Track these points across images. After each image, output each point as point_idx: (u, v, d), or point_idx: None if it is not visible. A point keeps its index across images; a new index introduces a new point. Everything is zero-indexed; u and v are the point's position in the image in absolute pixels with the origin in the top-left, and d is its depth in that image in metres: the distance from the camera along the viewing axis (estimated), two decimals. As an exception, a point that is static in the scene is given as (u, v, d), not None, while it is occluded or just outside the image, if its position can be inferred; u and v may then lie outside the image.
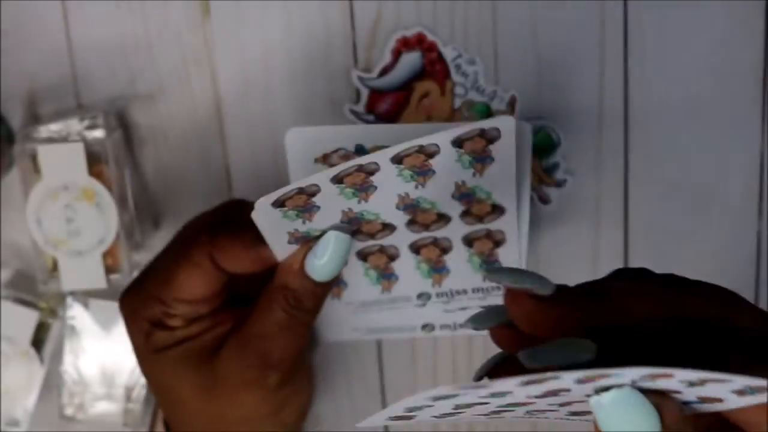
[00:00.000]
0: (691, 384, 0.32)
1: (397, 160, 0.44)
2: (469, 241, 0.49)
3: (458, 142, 0.44)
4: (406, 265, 0.51)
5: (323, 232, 0.47)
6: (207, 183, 0.58)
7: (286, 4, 0.56)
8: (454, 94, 0.56)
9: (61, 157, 0.54)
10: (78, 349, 0.58)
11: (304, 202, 0.45)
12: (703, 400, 0.34)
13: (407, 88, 0.56)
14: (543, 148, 0.57)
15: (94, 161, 0.54)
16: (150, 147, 0.58)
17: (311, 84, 0.57)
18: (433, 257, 0.50)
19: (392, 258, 0.50)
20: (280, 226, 0.46)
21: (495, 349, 0.61)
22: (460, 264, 0.50)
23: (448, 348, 0.60)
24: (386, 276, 0.52)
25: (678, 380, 0.32)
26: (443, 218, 0.48)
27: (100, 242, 0.55)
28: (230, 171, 0.58)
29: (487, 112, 0.56)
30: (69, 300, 0.58)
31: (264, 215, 0.45)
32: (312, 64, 0.56)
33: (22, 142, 0.55)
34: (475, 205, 0.48)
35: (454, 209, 0.48)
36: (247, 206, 0.46)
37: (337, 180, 0.44)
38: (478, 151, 0.45)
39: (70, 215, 0.55)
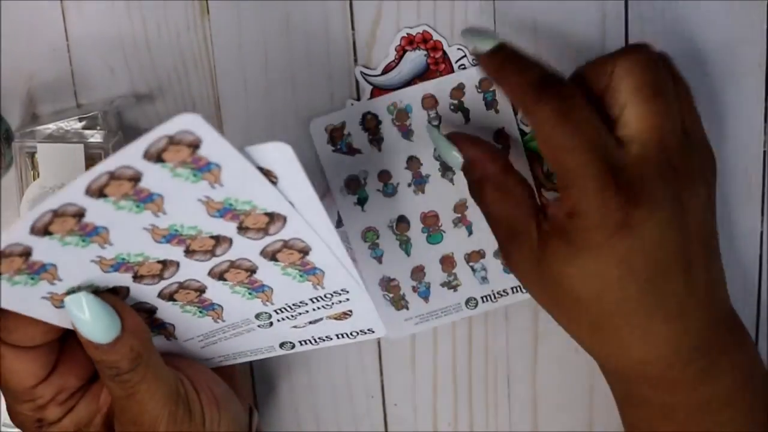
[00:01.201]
0: None
1: (97, 193, 0.39)
2: (270, 255, 0.45)
3: (153, 156, 0.38)
4: (220, 293, 0.46)
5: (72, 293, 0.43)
6: (206, 183, 0.58)
7: (286, 4, 0.56)
8: (454, 94, 0.57)
9: (60, 158, 0.54)
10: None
11: (21, 264, 0.40)
12: None
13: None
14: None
15: (93, 164, 0.54)
16: (149, 147, 0.58)
17: (311, 84, 0.57)
18: (243, 279, 0.46)
19: (201, 291, 0.46)
20: (23, 294, 0.42)
21: (496, 349, 0.61)
22: (278, 278, 0.46)
23: (448, 348, 0.60)
24: (208, 308, 0.48)
25: None
26: (222, 240, 0.43)
27: (95, 243, 0.55)
28: (230, 171, 0.58)
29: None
30: (68, 300, 0.58)
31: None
32: (312, 64, 0.56)
33: (20, 140, 0.55)
34: (245, 219, 0.42)
35: (225, 227, 0.43)
36: None
37: (42, 232, 0.39)
38: (187, 160, 0.38)
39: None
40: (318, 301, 0.48)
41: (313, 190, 0.41)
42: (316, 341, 0.51)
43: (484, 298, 0.59)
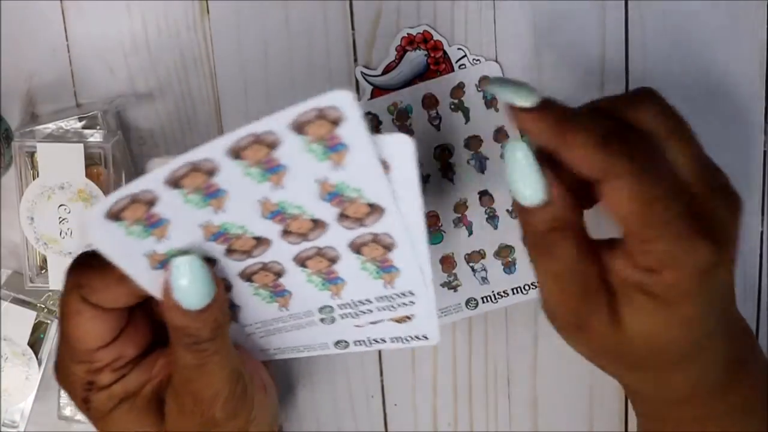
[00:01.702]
0: None
1: (235, 154, 0.39)
2: (356, 247, 0.44)
3: (298, 127, 0.38)
4: (296, 280, 0.46)
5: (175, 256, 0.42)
6: (206, 183, 0.58)
7: (286, 3, 0.56)
8: (454, 94, 0.57)
9: (59, 157, 0.54)
10: (77, 349, 0.58)
11: (143, 213, 0.40)
12: None
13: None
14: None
15: (92, 163, 0.54)
16: (149, 147, 0.58)
17: (311, 84, 0.56)
18: (323, 269, 0.45)
19: (279, 274, 0.46)
20: (128, 247, 0.41)
21: (496, 349, 0.61)
22: (354, 272, 0.45)
23: (448, 348, 0.60)
24: (279, 294, 0.47)
25: None
26: (319, 224, 0.43)
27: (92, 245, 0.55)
28: (229, 171, 0.58)
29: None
30: (68, 300, 0.58)
31: (102, 234, 0.40)
32: (312, 64, 0.56)
33: (20, 140, 0.55)
34: (348, 206, 0.42)
35: (328, 212, 0.42)
36: None
37: (174, 184, 0.39)
38: (325, 136, 0.38)
39: (64, 215, 0.55)
40: (383, 300, 0.47)
41: (420, 188, 0.41)
42: (370, 343, 0.50)
43: (485, 299, 0.59)
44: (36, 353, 0.58)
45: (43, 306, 0.58)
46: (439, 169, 0.57)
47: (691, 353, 0.45)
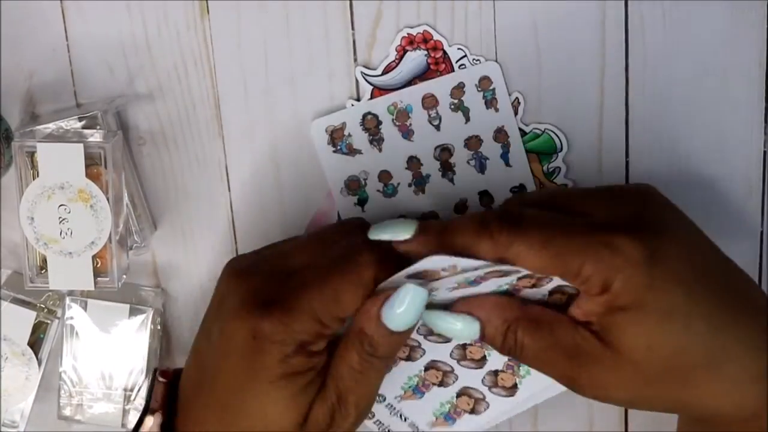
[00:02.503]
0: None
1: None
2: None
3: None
4: None
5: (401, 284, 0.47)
6: (206, 183, 0.58)
7: (286, 3, 0.56)
8: (454, 94, 0.57)
9: (59, 157, 0.54)
10: (76, 350, 0.58)
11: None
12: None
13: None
14: (545, 151, 0.57)
15: (92, 163, 0.54)
16: (149, 146, 0.58)
17: (311, 84, 0.56)
18: None
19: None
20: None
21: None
22: None
23: (447, 348, 0.60)
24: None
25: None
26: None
27: (92, 245, 0.55)
28: (229, 171, 0.58)
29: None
30: (67, 301, 0.58)
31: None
32: (312, 64, 0.56)
33: (20, 139, 0.55)
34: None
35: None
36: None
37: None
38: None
39: (64, 215, 0.55)
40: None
41: None
42: None
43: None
44: (36, 353, 0.58)
45: (43, 306, 0.58)
46: (439, 169, 0.57)
47: (714, 356, 0.45)
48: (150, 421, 0.50)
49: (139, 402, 0.58)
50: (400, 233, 0.48)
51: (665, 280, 0.45)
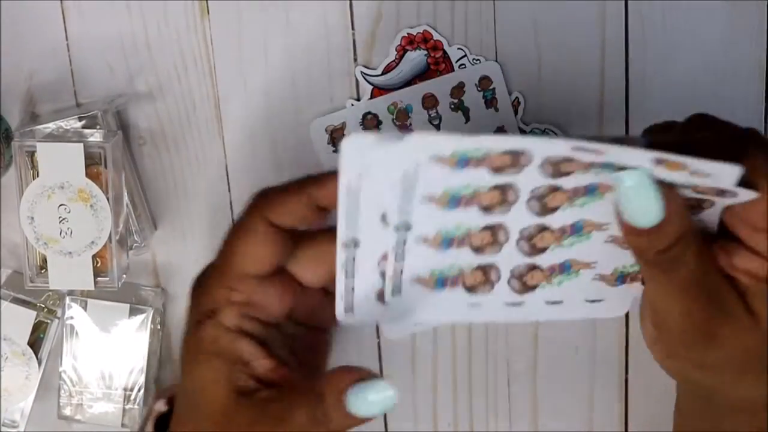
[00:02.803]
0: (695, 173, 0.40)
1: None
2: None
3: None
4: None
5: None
6: (206, 183, 0.58)
7: (286, 4, 0.56)
8: (454, 94, 0.57)
9: (59, 157, 0.54)
10: (76, 349, 0.58)
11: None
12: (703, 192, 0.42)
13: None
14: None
15: (92, 163, 0.54)
16: (149, 146, 0.58)
17: (311, 84, 0.57)
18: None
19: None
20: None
21: (496, 349, 0.61)
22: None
23: (448, 348, 0.60)
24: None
25: (687, 173, 0.40)
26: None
27: (92, 244, 0.55)
28: (229, 171, 0.58)
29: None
30: (67, 300, 0.58)
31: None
32: (312, 64, 0.56)
33: (20, 139, 0.55)
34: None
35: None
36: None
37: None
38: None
39: (64, 215, 0.55)
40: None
41: None
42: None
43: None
44: (36, 353, 0.58)
45: (43, 306, 0.58)
46: (439, 168, 0.57)
47: None
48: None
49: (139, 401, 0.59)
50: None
51: None
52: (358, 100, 0.56)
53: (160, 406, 0.51)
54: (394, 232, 0.43)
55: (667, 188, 0.42)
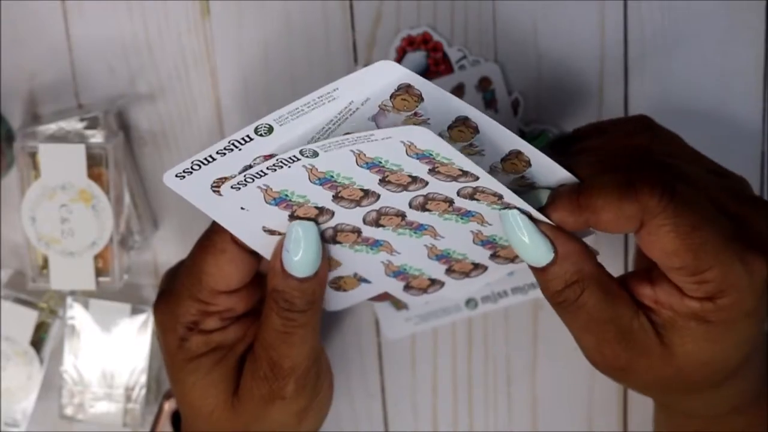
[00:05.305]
0: None
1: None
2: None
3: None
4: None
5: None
6: (207, 183, 0.58)
7: (286, 4, 0.56)
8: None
9: (61, 157, 0.54)
10: (78, 349, 0.58)
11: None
12: None
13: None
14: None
15: (94, 164, 0.54)
16: (150, 147, 0.58)
17: (311, 84, 0.57)
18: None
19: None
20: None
21: (496, 349, 0.61)
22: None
23: (448, 348, 0.60)
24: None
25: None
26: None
27: (93, 244, 0.55)
28: (230, 171, 0.58)
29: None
30: (69, 300, 0.58)
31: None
32: (312, 64, 0.56)
33: (21, 140, 0.55)
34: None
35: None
36: None
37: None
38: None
39: (66, 215, 0.55)
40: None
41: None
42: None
43: (484, 299, 0.59)
44: (38, 353, 0.58)
45: (45, 306, 0.59)
46: (438, 169, 0.57)
47: (741, 367, 0.44)
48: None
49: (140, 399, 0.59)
50: (541, 197, 0.43)
51: (760, 311, 0.43)
52: (359, 100, 0.56)
53: (173, 405, 0.52)
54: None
55: (556, 232, 0.42)
